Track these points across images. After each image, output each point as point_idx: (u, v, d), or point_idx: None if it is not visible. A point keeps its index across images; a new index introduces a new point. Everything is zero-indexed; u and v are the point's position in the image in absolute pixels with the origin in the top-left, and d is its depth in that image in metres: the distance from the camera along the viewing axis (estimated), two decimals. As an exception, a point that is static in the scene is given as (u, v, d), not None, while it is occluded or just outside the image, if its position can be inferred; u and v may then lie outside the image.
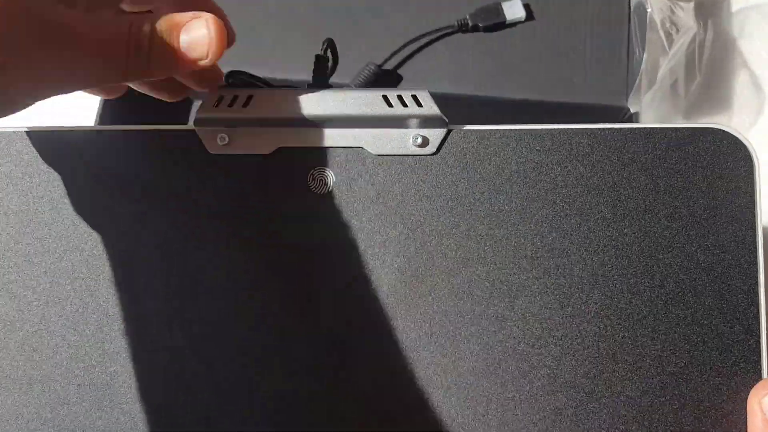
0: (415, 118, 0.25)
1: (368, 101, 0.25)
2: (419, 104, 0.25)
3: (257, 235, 0.25)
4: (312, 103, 0.25)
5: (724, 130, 0.25)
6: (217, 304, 0.25)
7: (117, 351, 0.25)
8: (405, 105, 0.25)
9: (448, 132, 0.26)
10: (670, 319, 0.24)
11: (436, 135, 0.26)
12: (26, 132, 0.26)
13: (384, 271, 0.25)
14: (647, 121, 0.38)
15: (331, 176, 0.26)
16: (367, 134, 0.26)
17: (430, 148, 0.26)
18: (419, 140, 0.25)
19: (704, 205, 0.25)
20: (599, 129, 0.26)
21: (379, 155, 0.26)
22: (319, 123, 0.25)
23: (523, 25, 0.38)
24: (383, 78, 0.36)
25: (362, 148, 0.26)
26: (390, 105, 0.25)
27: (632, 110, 0.37)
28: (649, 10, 0.38)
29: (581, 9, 0.39)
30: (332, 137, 0.26)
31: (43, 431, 0.24)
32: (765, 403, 0.23)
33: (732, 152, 0.25)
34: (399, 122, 0.26)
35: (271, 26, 0.38)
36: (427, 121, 0.25)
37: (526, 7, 0.38)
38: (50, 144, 0.26)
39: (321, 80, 0.27)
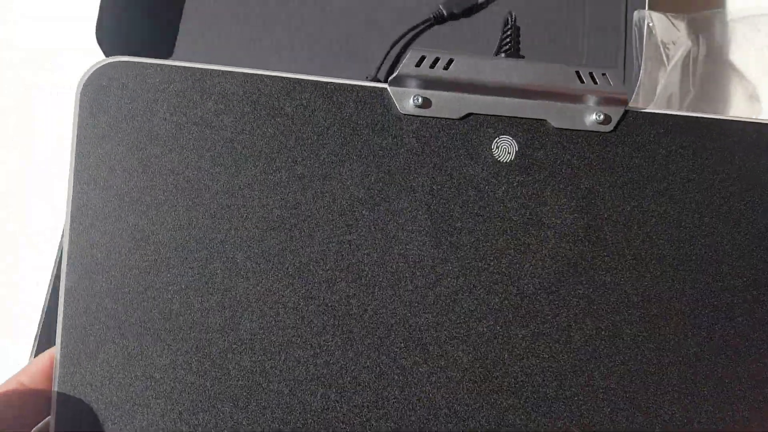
0: (600, 95, 0.26)
1: (561, 75, 0.26)
2: (609, 82, 0.26)
3: (438, 198, 0.26)
4: (508, 72, 0.26)
5: None
6: (405, 257, 0.26)
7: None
8: (595, 82, 0.26)
9: (625, 112, 0.27)
10: None
11: (616, 113, 0.27)
12: (224, 72, 0.25)
13: (559, 240, 0.26)
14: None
15: (514, 145, 0.26)
16: (552, 107, 0.26)
17: (609, 127, 0.27)
18: (601, 117, 0.26)
19: None
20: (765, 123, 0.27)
21: (560, 128, 0.27)
22: (510, 92, 0.26)
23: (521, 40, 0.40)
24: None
25: (545, 120, 0.26)
26: (582, 81, 0.26)
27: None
28: (650, 24, 0.39)
29: (578, 20, 0.40)
30: (520, 107, 0.26)
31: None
32: None
33: None
34: (582, 98, 0.26)
35: (253, 31, 0.41)
36: (610, 100, 0.26)
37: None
38: (244, 88, 0.25)
39: (513, 51, 0.27)
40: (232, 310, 0.24)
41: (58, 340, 0.24)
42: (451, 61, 0.25)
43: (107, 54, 0.41)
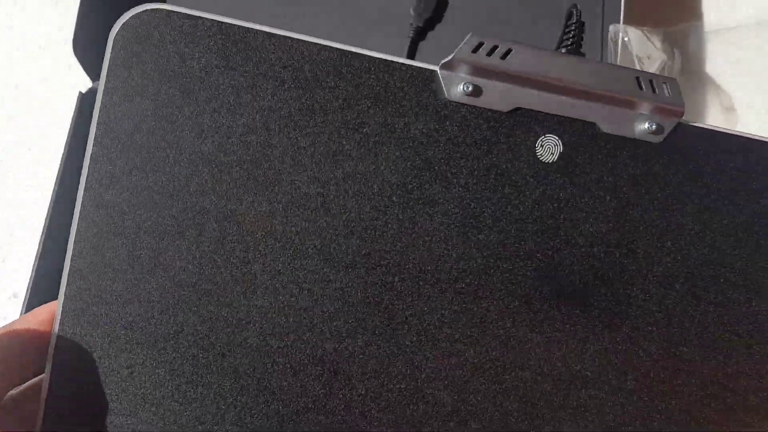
0: (658, 105, 0.25)
1: (620, 79, 0.25)
2: (668, 92, 0.25)
3: (473, 192, 0.25)
4: (566, 69, 0.24)
5: None
6: (430, 250, 0.25)
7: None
8: (654, 90, 0.25)
9: (678, 125, 0.26)
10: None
11: (669, 125, 0.26)
12: (269, 34, 0.23)
13: (590, 247, 0.26)
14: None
15: (559, 146, 0.25)
16: (604, 110, 0.25)
17: (659, 138, 0.26)
18: (654, 127, 0.25)
19: None
20: None
21: (609, 134, 0.25)
22: (563, 90, 0.25)
23: None
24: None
25: (595, 124, 0.25)
26: (641, 88, 0.25)
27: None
28: (625, 39, 0.39)
29: (554, 34, 0.39)
30: (570, 107, 0.25)
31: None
32: None
33: None
34: (637, 105, 0.25)
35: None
36: (664, 110, 0.25)
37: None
38: (289, 53, 0.23)
39: (575, 48, 0.25)
40: (245, 284, 0.24)
41: (63, 293, 0.23)
42: (509, 50, 0.24)
43: (86, 67, 0.41)
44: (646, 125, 0.25)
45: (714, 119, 0.44)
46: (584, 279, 0.26)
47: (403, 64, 0.24)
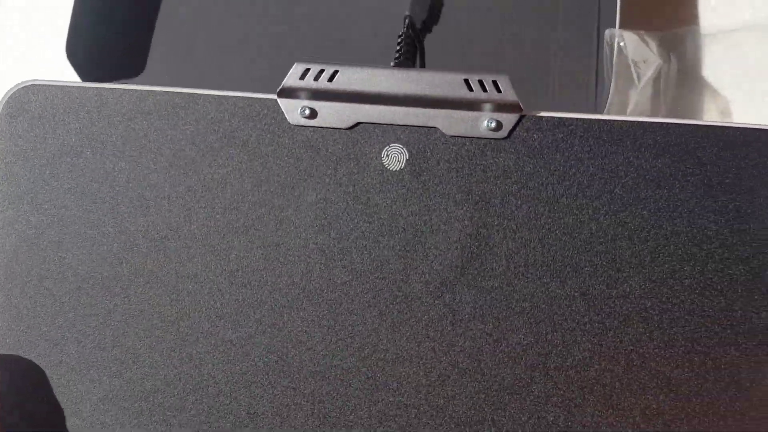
0: (489, 102, 0.26)
1: (449, 83, 0.26)
2: (498, 89, 0.26)
3: (328, 205, 0.27)
4: (394, 82, 0.26)
5: None
6: (293, 272, 0.27)
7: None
8: (484, 89, 0.26)
9: (521, 117, 0.27)
10: (705, 304, 0.27)
11: (509, 120, 0.27)
12: (110, 89, 0.26)
13: (448, 248, 0.27)
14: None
15: (404, 154, 0.27)
16: (442, 115, 0.27)
17: (502, 133, 0.27)
18: (493, 124, 0.26)
19: (750, 201, 0.27)
20: (664, 123, 0.27)
21: (452, 136, 0.27)
22: (399, 101, 0.26)
23: (490, 51, 0.40)
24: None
25: (437, 128, 0.27)
26: (471, 89, 0.26)
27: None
28: (621, 43, 0.38)
29: (549, 38, 0.39)
30: (409, 116, 0.27)
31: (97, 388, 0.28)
32: None
33: None
34: (475, 105, 0.26)
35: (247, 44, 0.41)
36: (502, 106, 0.26)
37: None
38: (131, 103, 0.27)
39: (404, 61, 0.27)
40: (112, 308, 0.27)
41: None
42: (335, 72, 0.26)
43: (79, 71, 0.43)
44: (486, 123, 0.27)
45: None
46: (445, 276, 0.27)
47: (245, 97, 0.27)
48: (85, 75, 0.44)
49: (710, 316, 0.27)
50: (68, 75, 0.46)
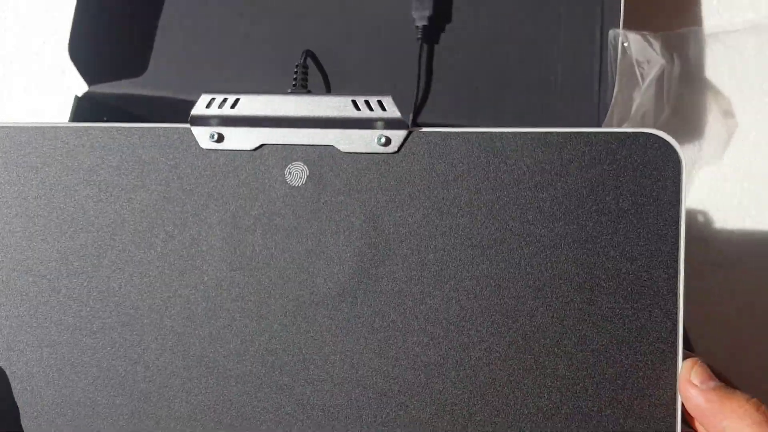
0: (379, 120, 0.29)
1: (339, 105, 0.29)
2: (383, 108, 0.29)
3: (237, 220, 0.30)
4: (291, 106, 0.29)
5: (656, 135, 0.28)
6: (206, 284, 0.30)
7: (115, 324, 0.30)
8: (371, 109, 0.29)
9: (409, 133, 0.29)
10: (596, 303, 0.28)
11: (398, 136, 0.29)
12: (23, 128, 0.30)
13: (347, 255, 0.29)
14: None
15: (305, 171, 0.30)
16: (337, 134, 0.29)
17: (392, 147, 0.29)
18: (383, 140, 0.29)
19: (633, 201, 0.28)
20: (543, 132, 0.29)
21: (347, 153, 0.29)
22: (297, 123, 0.29)
23: (494, 52, 0.40)
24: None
25: (333, 146, 0.29)
26: (358, 108, 0.29)
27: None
28: (625, 44, 0.39)
29: (552, 38, 0.40)
30: (308, 136, 0.30)
31: (48, 390, 0.30)
32: (694, 378, 0.27)
33: (663, 155, 0.28)
34: (366, 124, 0.29)
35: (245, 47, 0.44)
36: (390, 123, 0.29)
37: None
38: (48, 140, 0.30)
39: (300, 86, 0.30)
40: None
41: None
42: (237, 100, 0.29)
43: (81, 71, 0.45)
44: (376, 139, 0.29)
45: (713, 123, 0.44)
46: (345, 281, 0.29)
47: (163, 128, 0.30)
48: (87, 74, 0.45)
49: (600, 315, 0.28)
50: (68, 75, 0.47)
